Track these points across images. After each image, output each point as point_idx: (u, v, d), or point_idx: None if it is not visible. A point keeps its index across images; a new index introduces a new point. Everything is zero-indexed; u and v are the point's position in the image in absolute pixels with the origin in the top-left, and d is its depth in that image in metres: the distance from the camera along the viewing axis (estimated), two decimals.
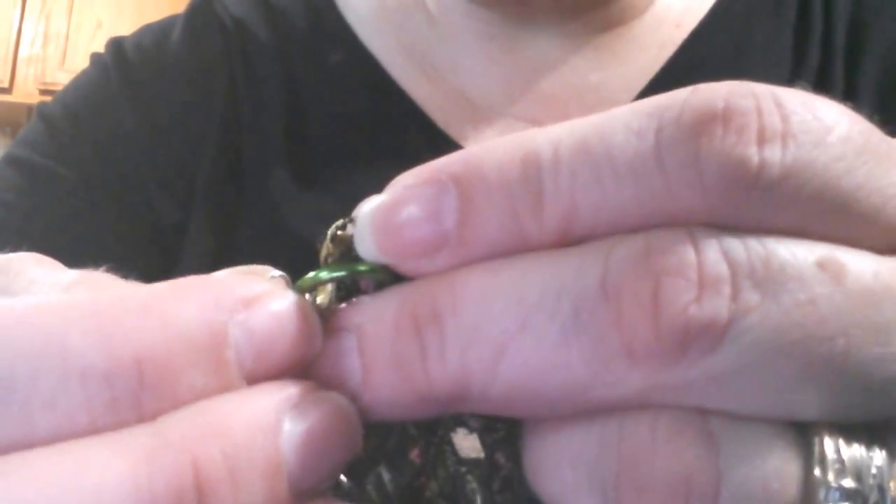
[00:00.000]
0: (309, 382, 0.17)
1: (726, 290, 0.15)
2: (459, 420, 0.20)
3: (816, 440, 0.16)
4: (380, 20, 0.52)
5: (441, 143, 0.47)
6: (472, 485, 0.20)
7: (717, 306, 0.15)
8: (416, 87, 0.50)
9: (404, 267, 0.18)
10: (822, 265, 0.16)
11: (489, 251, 0.17)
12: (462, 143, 0.47)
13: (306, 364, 0.18)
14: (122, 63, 0.52)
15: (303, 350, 0.18)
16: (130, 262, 0.46)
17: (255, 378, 0.17)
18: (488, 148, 0.17)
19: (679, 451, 0.16)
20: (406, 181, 0.18)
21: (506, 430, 0.19)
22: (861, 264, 0.16)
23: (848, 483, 0.16)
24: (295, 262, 0.46)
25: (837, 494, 0.16)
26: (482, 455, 0.20)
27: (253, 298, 0.17)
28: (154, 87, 0.51)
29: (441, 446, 0.20)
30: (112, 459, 0.15)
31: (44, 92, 3.04)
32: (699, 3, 0.51)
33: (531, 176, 0.17)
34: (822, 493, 0.15)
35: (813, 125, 0.16)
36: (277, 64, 0.51)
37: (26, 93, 3.13)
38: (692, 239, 0.16)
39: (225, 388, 0.16)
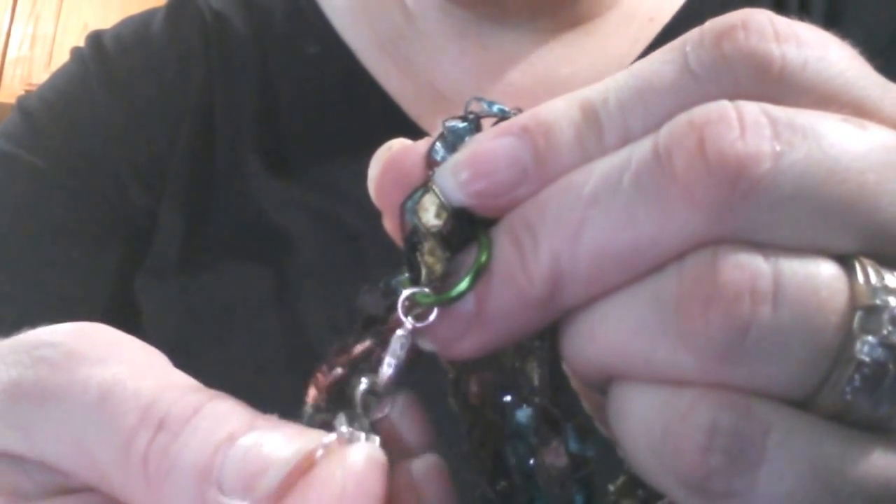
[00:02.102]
0: None
1: (767, 131, 0.17)
2: None
3: (857, 263, 0.18)
4: (356, 14, 0.54)
5: (412, 135, 0.47)
6: (533, 363, 0.22)
7: (761, 141, 0.17)
8: (389, 80, 0.52)
9: (489, 204, 0.20)
10: (846, 120, 0.18)
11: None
12: (432, 133, 0.48)
13: None
14: (100, 54, 0.53)
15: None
16: (102, 247, 0.49)
17: None
18: (546, 105, 0.20)
19: (740, 265, 0.17)
20: (478, 140, 0.20)
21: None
22: (877, 126, 0.18)
23: (890, 285, 0.17)
24: (266, 245, 0.47)
25: (882, 293, 0.17)
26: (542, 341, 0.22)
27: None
28: (130, 73, 0.52)
29: None
30: None
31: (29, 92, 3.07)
32: None
33: (589, 114, 0.19)
34: (866, 294, 0.17)
35: (815, 36, 0.19)
36: (254, 54, 0.53)
37: (11, 92, 3.17)
38: (730, 101, 0.18)
39: None
